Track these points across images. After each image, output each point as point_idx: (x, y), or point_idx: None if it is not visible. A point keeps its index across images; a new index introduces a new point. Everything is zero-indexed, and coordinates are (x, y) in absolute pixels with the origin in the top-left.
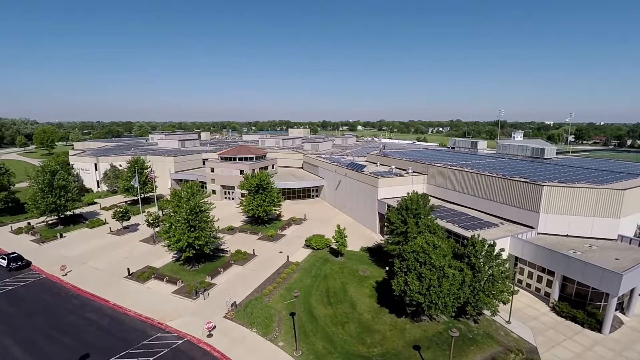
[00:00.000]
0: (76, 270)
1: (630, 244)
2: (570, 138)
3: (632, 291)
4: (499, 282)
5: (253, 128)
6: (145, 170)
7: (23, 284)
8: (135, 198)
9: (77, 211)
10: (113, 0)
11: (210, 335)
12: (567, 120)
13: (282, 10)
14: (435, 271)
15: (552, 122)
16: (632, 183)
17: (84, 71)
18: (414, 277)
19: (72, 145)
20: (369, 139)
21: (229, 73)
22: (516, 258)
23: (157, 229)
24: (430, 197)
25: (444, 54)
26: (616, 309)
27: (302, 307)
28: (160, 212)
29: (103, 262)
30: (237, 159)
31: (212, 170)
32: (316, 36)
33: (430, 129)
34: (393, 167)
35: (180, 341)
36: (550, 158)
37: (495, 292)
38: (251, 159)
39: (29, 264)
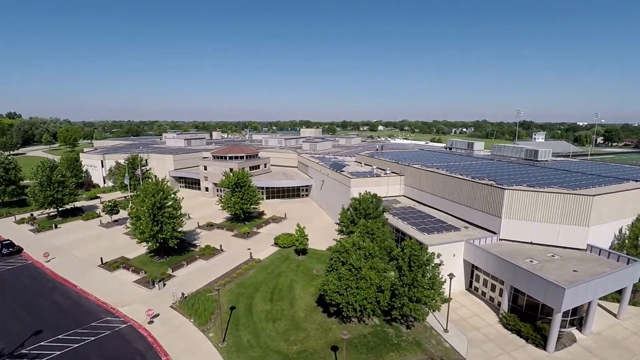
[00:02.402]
0: (59, 258)
1: (599, 255)
2: (599, 139)
3: (589, 306)
4: (426, 288)
5: (274, 128)
6: (144, 168)
7: (10, 267)
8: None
9: (79, 204)
10: (149, 5)
11: (151, 322)
12: (601, 120)
13: (307, 11)
14: (354, 272)
15: (584, 123)
16: (609, 189)
17: (117, 73)
18: (334, 277)
19: (92, 143)
20: (383, 139)
21: (252, 74)
22: (473, 265)
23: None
24: (405, 198)
25: (472, 54)
26: (573, 325)
27: (245, 302)
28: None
29: (85, 252)
30: (227, 158)
31: (205, 169)
32: (340, 37)
33: (454, 130)
34: (375, 167)
35: (124, 325)
36: (546, 160)
37: (420, 298)
38: (242, 157)
39: (20, 250)
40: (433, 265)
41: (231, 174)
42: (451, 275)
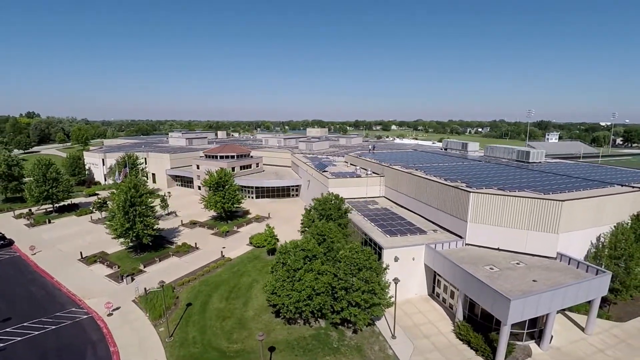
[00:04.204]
0: (45, 251)
1: (569, 264)
2: (618, 140)
3: (547, 319)
4: (365, 292)
5: (286, 127)
6: (140, 166)
7: None
8: None
9: (77, 201)
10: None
11: (110, 315)
12: (625, 121)
13: (324, 11)
14: (291, 273)
15: (606, 123)
16: (586, 193)
17: (136, 74)
18: (274, 278)
19: (102, 142)
20: (391, 138)
21: (267, 74)
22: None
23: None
24: (385, 199)
25: (492, 54)
26: (532, 338)
27: (202, 299)
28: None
29: (70, 246)
30: (218, 157)
31: (198, 167)
32: (356, 37)
33: (469, 130)
34: (358, 167)
35: (85, 316)
36: (540, 162)
37: (359, 302)
38: (232, 157)
39: (11, 242)
40: (376, 270)
41: (215, 173)
42: (396, 280)
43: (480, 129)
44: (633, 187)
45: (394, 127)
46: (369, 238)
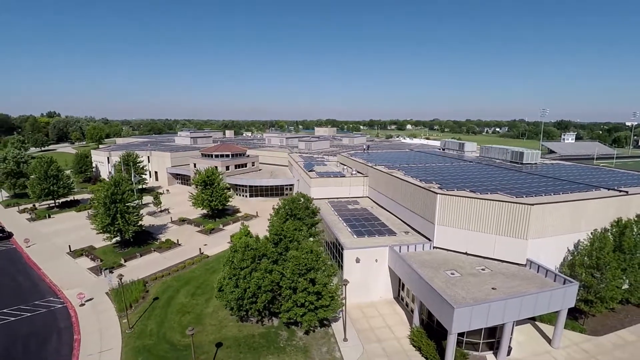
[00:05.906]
0: (39, 244)
1: (537, 272)
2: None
3: (503, 330)
4: (310, 293)
5: (300, 127)
6: (139, 164)
7: None
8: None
9: (79, 197)
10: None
11: (82, 305)
12: None
13: (340, 12)
14: (236, 271)
15: (631, 123)
16: (562, 197)
17: (158, 75)
18: (221, 276)
19: (115, 140)
20: (400, 138)
21: (282, 74)
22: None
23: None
24: (368, 200)
25: (513, 52)
26: (491, 349)
27: (170, 294)
28: None
29: (63, 239)
30: (213, 156)
31: (195, 166)
32: (371, 36)
33: (486, 129)
34: (346, 167)
35: (60, 305)
36: (535, 164)
37: (304, 303)
38: (227, 156)
39: (10, 235)
40: (327, 270)
41: (203, 171)
42: (345, 282)
43: (498, 129)
44: (620, 190)
45: (409, 126)
46: (335, 238)
